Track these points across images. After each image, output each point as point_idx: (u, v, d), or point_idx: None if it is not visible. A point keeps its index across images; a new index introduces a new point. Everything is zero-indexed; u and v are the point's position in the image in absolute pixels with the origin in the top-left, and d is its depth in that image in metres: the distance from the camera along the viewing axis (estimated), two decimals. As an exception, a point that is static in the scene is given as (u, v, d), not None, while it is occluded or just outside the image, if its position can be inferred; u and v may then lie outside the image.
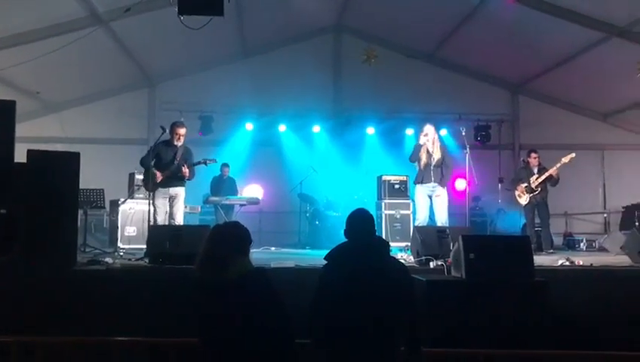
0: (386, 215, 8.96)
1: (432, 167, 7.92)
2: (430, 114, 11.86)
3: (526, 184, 8.92)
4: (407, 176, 9.09)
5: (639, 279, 5.81)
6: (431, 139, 7.99)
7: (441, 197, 7.92)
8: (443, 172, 7.95)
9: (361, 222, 3.49)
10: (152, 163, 7.34)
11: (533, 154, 9.15)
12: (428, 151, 7.97)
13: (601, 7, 9.41)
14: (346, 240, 3.49)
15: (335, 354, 3.22)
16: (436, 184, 7.90)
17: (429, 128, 8.05)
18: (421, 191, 8.00)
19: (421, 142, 8.01)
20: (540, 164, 9.06)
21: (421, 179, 8.00)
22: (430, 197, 7.94)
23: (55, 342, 3.98)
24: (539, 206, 8.93)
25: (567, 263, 6.34)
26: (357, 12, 12.22)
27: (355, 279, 3.23)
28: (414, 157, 8.06)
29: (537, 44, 10.89)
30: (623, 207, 11.73)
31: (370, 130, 12.99)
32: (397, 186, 9.19)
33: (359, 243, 3.41)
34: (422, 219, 7.89)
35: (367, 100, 12.54)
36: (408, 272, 3.52)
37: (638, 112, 12.49)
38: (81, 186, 6.12)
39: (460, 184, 10.37)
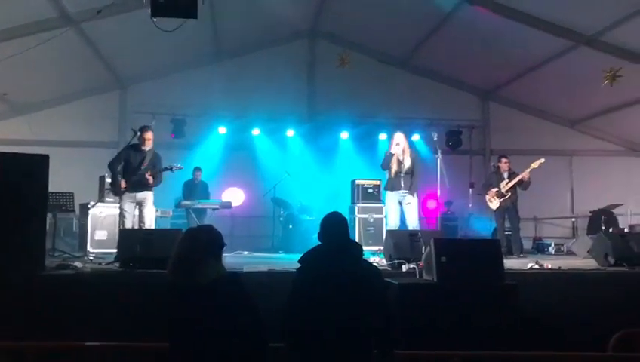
0: (359, 219, 9.00)
1: (402, 175, 7.98)
2: (403, 119, 12.03)
3: (497, 189, 9.05)
4: (380, 180, 9.14)
5: (605, 281, 5.98)
6: (402, 148, 8.06)
7: (411, 204, 7.99)
8: (412, 180, 8.03)
9: (334, 226, 3.51)
10: (121, 167, 7.24)
11: (503, 160, 9.29)
12: (399, 160, 8.04)
13: (569, 16, 9.60)
14: (320, 243, 3.50)
15: (308, 357, 3.22)
16: (406, 191, 7.96)
17: (399, 137, 8.12)
18: (391, 198, 8.08)
19: (392, 151, 8.06)
20: (510, 169, 9.20)
21: (391, 186, 8.07)
22: (400, 203, 8.01)
23: (23, 348, 3.89)
24: (509, 210, 9.06)
25: (537, 266, 6.46)
26: (332, 17, 12.26)
27: (329, 282, 3.24)
28: (385, 165, 8.13)
29: (507, 51, 11.08)
30: (590, 212, 11.95)
31: (344, 135, 13.00)
32: (370, 190, 9.24)
33: (332, 247, 3.43)
34: (393, 225, 7.97)
35: (341, 105, 12.57)
36: (381, 275, 3.56)
37: (604, 119, 12.82)
38: (50, 189, 6.02)
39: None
